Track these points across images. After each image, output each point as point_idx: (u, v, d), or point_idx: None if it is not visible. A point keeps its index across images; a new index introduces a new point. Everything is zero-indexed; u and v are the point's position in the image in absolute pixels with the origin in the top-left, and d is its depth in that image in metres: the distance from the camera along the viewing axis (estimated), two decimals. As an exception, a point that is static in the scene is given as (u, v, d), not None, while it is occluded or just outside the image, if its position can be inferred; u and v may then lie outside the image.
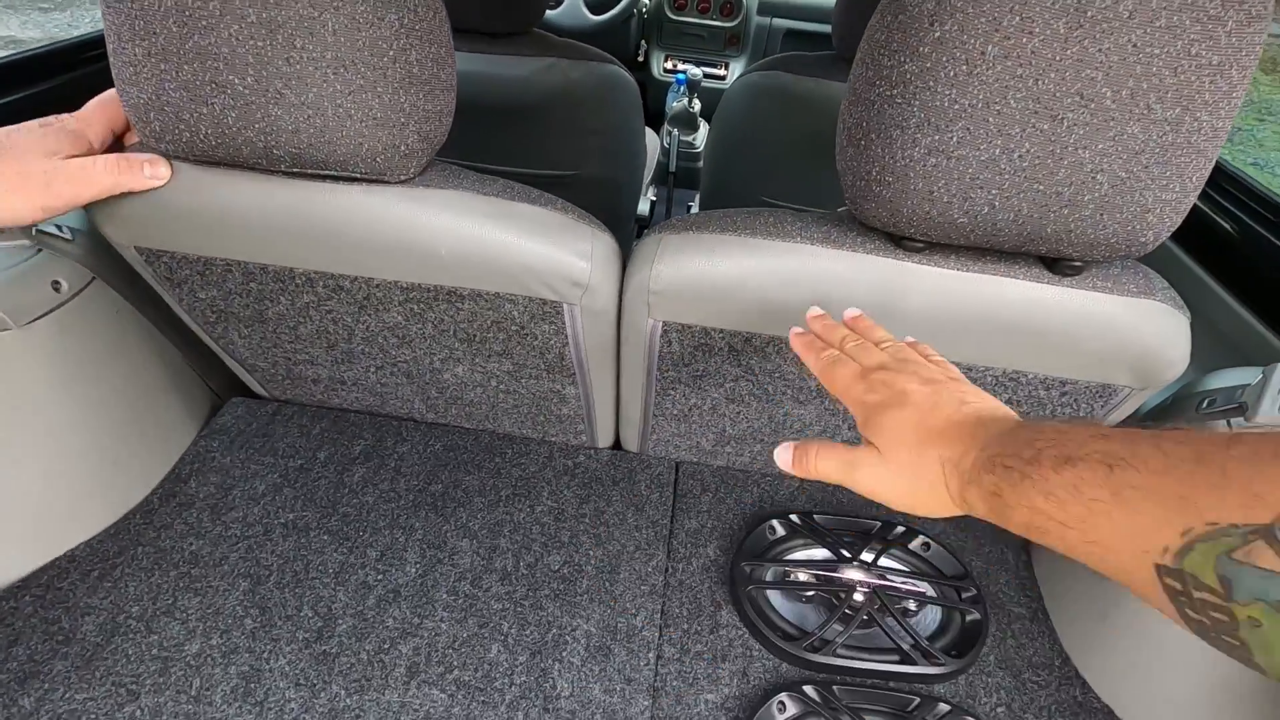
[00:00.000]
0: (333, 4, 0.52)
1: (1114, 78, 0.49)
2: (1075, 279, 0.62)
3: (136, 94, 0.57)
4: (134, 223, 0.69)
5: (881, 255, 0.63)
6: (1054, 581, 0.85)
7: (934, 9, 0.49)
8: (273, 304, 0.77)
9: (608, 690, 0.72)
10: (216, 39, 0.53)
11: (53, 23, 4.89)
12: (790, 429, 0.85)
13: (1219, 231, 0.97)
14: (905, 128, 0.53)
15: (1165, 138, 0.50)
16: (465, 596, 0.79)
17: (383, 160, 0.59)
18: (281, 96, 0.55)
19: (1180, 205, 0.53)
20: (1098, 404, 0.71)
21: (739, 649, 0.77)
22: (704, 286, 0.66)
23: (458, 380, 0.86)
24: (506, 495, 0.90)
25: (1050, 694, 0.76)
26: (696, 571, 0.84)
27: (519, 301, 0.70)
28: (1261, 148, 4.72)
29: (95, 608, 0.74)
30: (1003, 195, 0.54)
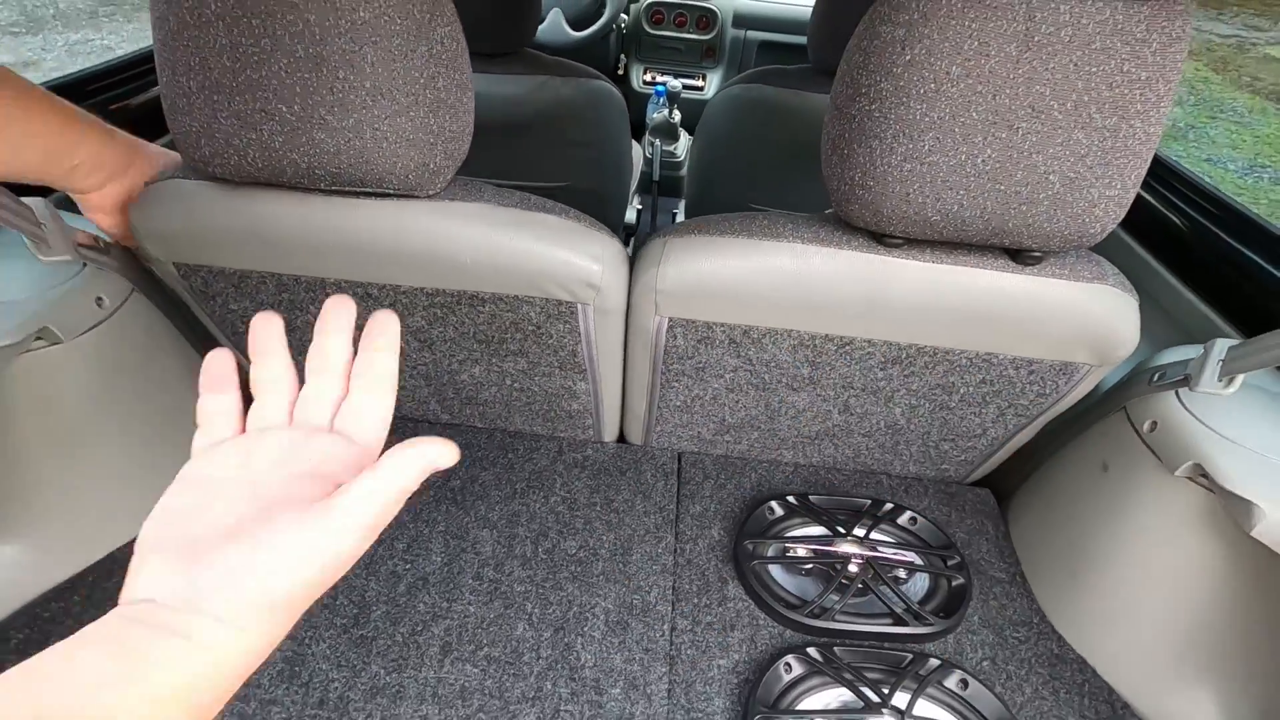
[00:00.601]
0: (372, 39, 0.58)
1: (1060, 92, 0.56)
2: (1036, 268, 0.70)
3: (188, 123, 0.62)
4: (174, 240, 0.74)
5: (865, 252, 0.70)
6: (1030, 547, 0.93)
7: (905, 35, 0.57)
8: (302, 313, 0.82)
9: (628, 660, 0.78)
10: (267, 72, 0.59)
11: (25, 46, 4.86)
12: (785, 415, 0.92)
13: (1168, 224, 1.06)
14: (883, 138, 0.60)
15: (1106, 142, 0.58)
16: (489, 581, 0.84)
17: (414, 177, 0.65)
18: (325, 122, 0.61)
19: (1122, 200, 0.61)
20: (1061, 381, 0.79)
21: (746, 618, 0.83)
22: (707, 284, 0.73)
23: (474, 380, 0.92)
24: (521, 488, 0.96)
25: (1030, 648, 0.83)
26: (703, 551, 0.90)
27: (536, 303, 0.76)
28: (1214, 145, 4.92)
29: None
30: (969, 195, 0.61)
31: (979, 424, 0.89)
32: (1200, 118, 5.34)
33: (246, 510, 0.32)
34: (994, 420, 0.88)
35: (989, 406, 0.85)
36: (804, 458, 1.02)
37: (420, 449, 0.32)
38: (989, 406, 0.85)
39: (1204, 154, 4.77)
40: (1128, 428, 0.80)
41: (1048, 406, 0.84)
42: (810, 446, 0.99)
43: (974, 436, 0.92)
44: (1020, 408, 0.84)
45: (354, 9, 0.57)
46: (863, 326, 0.76)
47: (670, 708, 0.74)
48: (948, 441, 0.93)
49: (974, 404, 0.85)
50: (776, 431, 0.96)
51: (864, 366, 0.81)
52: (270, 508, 0.31)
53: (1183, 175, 1.09)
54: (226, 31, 0.57)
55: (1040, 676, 0.80)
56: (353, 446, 0.36)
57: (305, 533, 0.30)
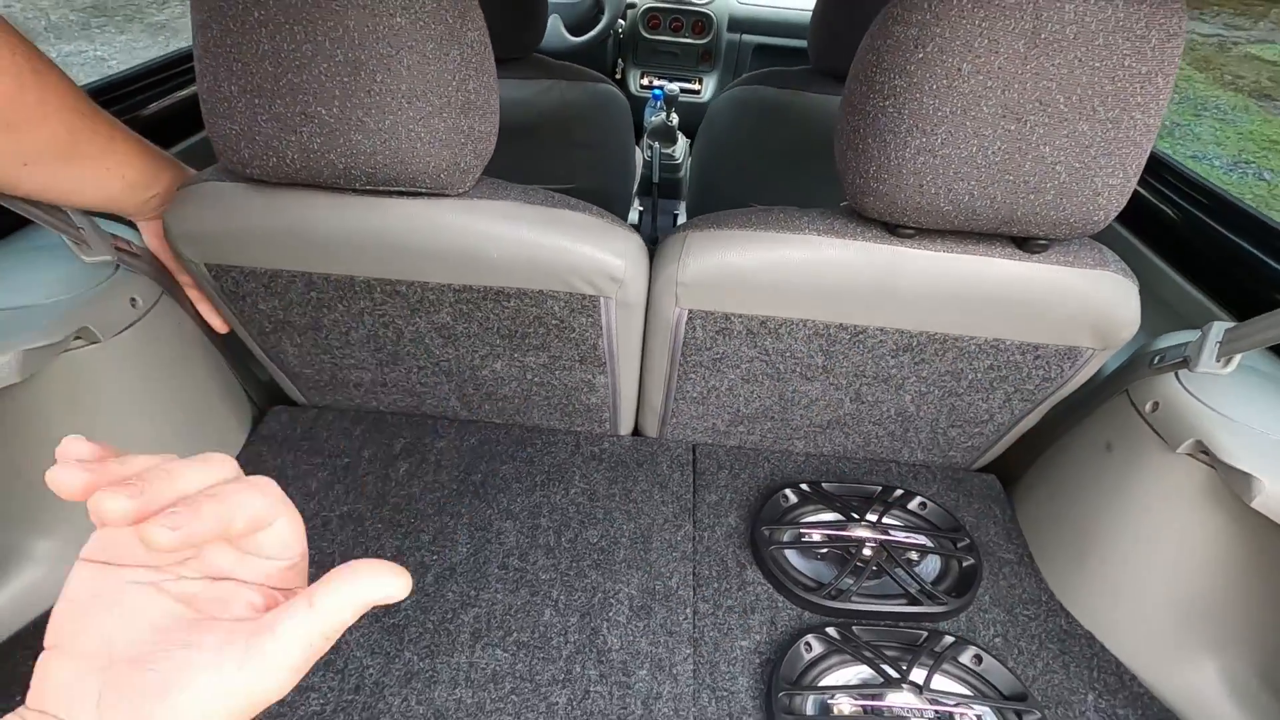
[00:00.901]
0: (408, 44, 0.61)
1: (1065, 86, 0.60)
2: (1042, 256, 0.73)
3: (229, 126, 0.65)
4: (209, 241, 0.76)
5: (879, 242, 0.73)
6: (1037, 529, 0.96)
7: (918, 34, 0.60)
8: (330, 311, 0.84)
9: (653, 643, 0.80)
10: (308, 76, 0.61)
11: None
12: (798, 404, 0.94)
13: (1162, 216, 1.09)
14: (897, 132, 0.63)
15: (1109, 133, 0.61)
16: (515, 570, 0.87)
17: (445, 176, 0.68)
18: (363, 124, 0.63)
19: (1124, 188, 0.65)
20: (1066, 365, 0.82)
21: (765, 601, 0.86)
22: (727, 276, 0.76)
23: (495, 376, 0.94)
24: (541, 481, 0.98)
25: (1039, 624, 0.86)
26: (721, 538, 0.93)
27: (560, 297, 0.79)
28: (1199, 141, 5.01)
29: None
30: (980, 185, 0.64)
31: (986, 410, 0.92)
32: (1185, 115, 5.43)
33: (160, 630, 0.28)
34: (1000, 405, 0.91)
35: (996, 392, 0.88)
36: (815, 447, 1.05)
37: (363, 582, 0.28)
38: (996, 392, 0.88)
39: (1189, 151, 4.85)
40: (1130, 409, 0.83)
41: (1052, 391, 0.87)
42: (822, 436, 1.02)
43: (981, 422, 0.95)
44: (1026, 392, 0.87)
45: (391, 14, 0.60)
46: (875, 315, 0.79)
47: (696, 687, 0.76)
48: (955, 428, 0.96)
49: (982, 390, 0.88)
50: (789, 421, 0.99)
51: (876, 355, 0.84)
52: (185, 630, 0.28)
53: (1175, 169, 1.13)
54: (269, 37, 0.60)
55: (1050, 651, 0.83)
56: (271, 563, 0.32)
57: (225, 673, 0.27)
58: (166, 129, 1.11)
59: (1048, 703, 0.78)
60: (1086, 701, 0.78)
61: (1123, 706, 0.78)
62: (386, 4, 0.60)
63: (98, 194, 0.70)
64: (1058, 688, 0.79)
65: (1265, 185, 4.43)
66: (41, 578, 0.78)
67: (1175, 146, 4.94)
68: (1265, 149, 4.91)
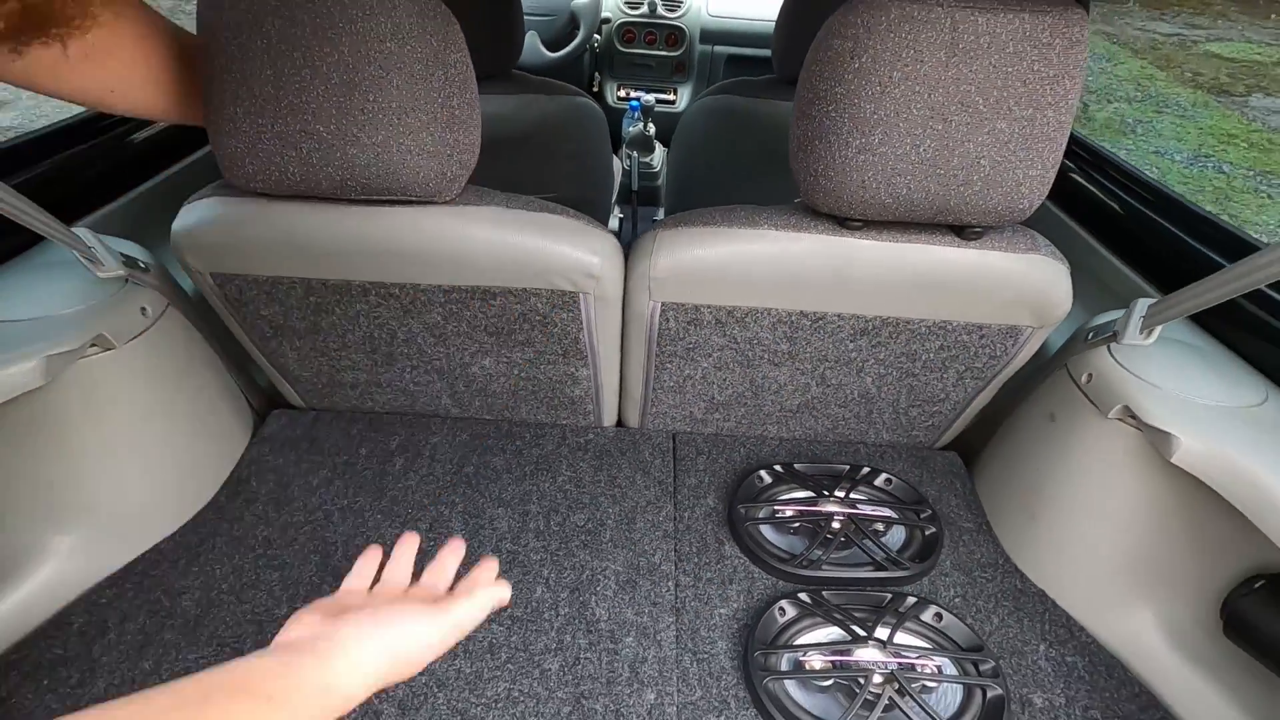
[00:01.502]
0: (397, 65, 0.68)
1: (983, 89, 0.67)
2: (979, 242, 0.81)
3: (233, 144, 0.71)
4: (213, 252, 0.82)
5: (830, 234, 0.81)
6: (993, 497, 1.03)
7: (853, 47, 0.67)
8: (327, 315, 0.90)
9: (638, 612, 0.86)
10: (307, 97, 0.67)
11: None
12: (768, 390, 1.01)
13: (1098, 203, 1.18)
14: (839, 134, 0.71)
15: (1025, 130, 0.69)
16: (508, 552, 0.93)
17: (434, 185, 0.75)
18: (358, 139, 0.69)
19: (1044, 179, 0.72)
20: (1009, 343, 0.90)
21: (742, 573, 0.92)
22: (695, 270, 0.83)
23: (484, 372, 1.01)
24: (530, 471, 1.05)
25: (996, 585, 0.93)
26: (700, 517, 0.99)
27: (543, 294, 0.85)
28: (1161, 137, 5.17)
29: (189, 587, 0.86)
30: (915, 179, 0.72)
31: (941, 388, 0.99)
32: (1148, 112, 5.60)
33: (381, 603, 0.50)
34: (954, 384, 0.98)
35: (949, 371, 0.95)
36: (787, 431, 1.11)
37: (497, 590, 0.56)
38: (949, 371, 0.95)
39: (1152, 147, 5.00)
40: (1069, 381, 0.90)
41: (1000, 368, 0.95)
42: (793, 420, 1.09)
43: (938, 400, 1.02)
44: (976, 370, 0.95)
45: (382, 40, 0.66)
46: (832, 302, 0.86)
47: (679, 651, 0.83)
48: (915, 407, 1.04)
49: (935, 369, 0.95)
50: (761, 407, 1.06)
51: (836, 339, 0.91)
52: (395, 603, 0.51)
53: (1110, 160, 1.22)
54: (271, 64, 0.66)
55: (1006, 608, 0.90)
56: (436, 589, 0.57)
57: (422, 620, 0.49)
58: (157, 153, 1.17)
59: (1002, 653, 0.84)
60: (1039, 651, 0.85)
61: (1071, 655, 0.85)
62: (377, 31, 0.67)
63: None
64: (1012, 640, 0.86)
65: (1224, 178, 4.59)
66: (62, 571, 0.83)
67: (1139, 143, 5.09)
68: (1223, 143, 5.07)
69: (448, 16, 0.70)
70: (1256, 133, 5.25)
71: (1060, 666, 0.84)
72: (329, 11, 0.66)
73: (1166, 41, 7.28)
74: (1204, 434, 0.74)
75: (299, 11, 0.65)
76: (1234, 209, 4.24)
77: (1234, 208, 4.25)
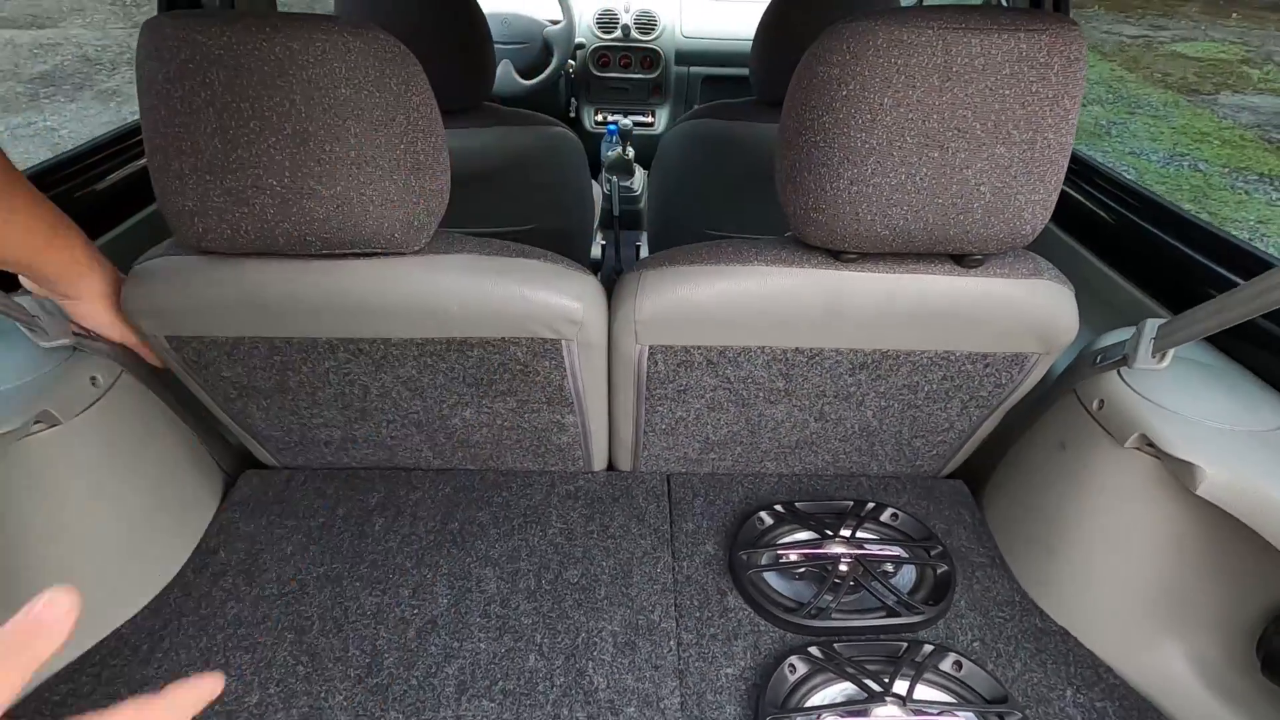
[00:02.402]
0: (354, 113, 0.63)
1: (980, 114, 0.63)
2: (979, 270, 0.77)
3: (181, 202, 0.66)
4: (167, 315, 0.77)
5: (824, 268, 0.76)
6: (1005, 530, 0.98)
7: (839, 74, 0.63)
8: (294, 373, 0.85)
9: (639, 678, 0.80)
10: (257, 150, 0.63)
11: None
12: (765, 427, 0.97)
13: (1098, 220, 1.15)
14: (829, 165, 0.66)
15: (1025, 154, 0.65)
16: (497, 617, 0.87)
17: (400, 235, 0.70)
18: (314, 192, 0.65)
19: (1046, 203, 0.68)
20: (1015, 370, 0.86)
21: (747, 626, 0.87)
22: (683, 311, 0.78)
23: (465, 423, 0.95)
24: (518, 524, 0.99)
25: (1015, 625, 0.88)
26: (700, 566, 0.94)
27: (522, 343, 0.80)
28: (1135, 138, 5.22)
29: (151, 677, 0.79)
30: (912, 209, 0.68)
31: (945, 418, 0.95)
32: (1120, 114, 5.66)
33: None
34: (959, 413, 0.94)
35: (953, 401, 0.91)
36: (786, 467, 1.07)
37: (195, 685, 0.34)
38: (953, 401, 0.91)
39: (1127, 148, 5.05)
40: (1079, 408, 0.86)
41: (1005, 396, 0.90)
42: (791, 456, 1.04)
43: (943, 431, 0.97)
44: (981, 399, 0.90)
45: (335, 87, 0.62)
46: (828, 337, 0.81)
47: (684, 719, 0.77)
48: (919, 438, 0.99)
49: (939, 400, 0.91)
50: (758, 444, 1.01)
51: (834, 375, 0.87)
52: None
53: (1107, 174, 1.19)
54: (216, 116, 0.61)
55: (1028, 650, 0.85)
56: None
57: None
58: (120, 202, 1.12)
59: (1028, 702, 0.79)
60: (1065, 698, 0.80)
61: (1100, 699, 0.80)
62: (331, 77, 0.62)
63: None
64: (1037, 686, 0.81)
65: (1200, 176, 4.63)
66: None
67: (1114, 145, 5.14)
68: (1197, 141, 5.13)
69: (407, 57, 0.66)
70: (1228, 129, 5.32)
71: (1090, 714, 0.79)
72: (278, 59, 0.61)
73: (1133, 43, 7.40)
74: (1228, 463, 0.70)
75: (245, 59, 0.61)
76: (1213, 206, 4.27)
77: (1213, 205, 4.28)
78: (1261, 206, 4.26)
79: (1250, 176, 4.61)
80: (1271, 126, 5.35)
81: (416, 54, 0.68)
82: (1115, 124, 5.48)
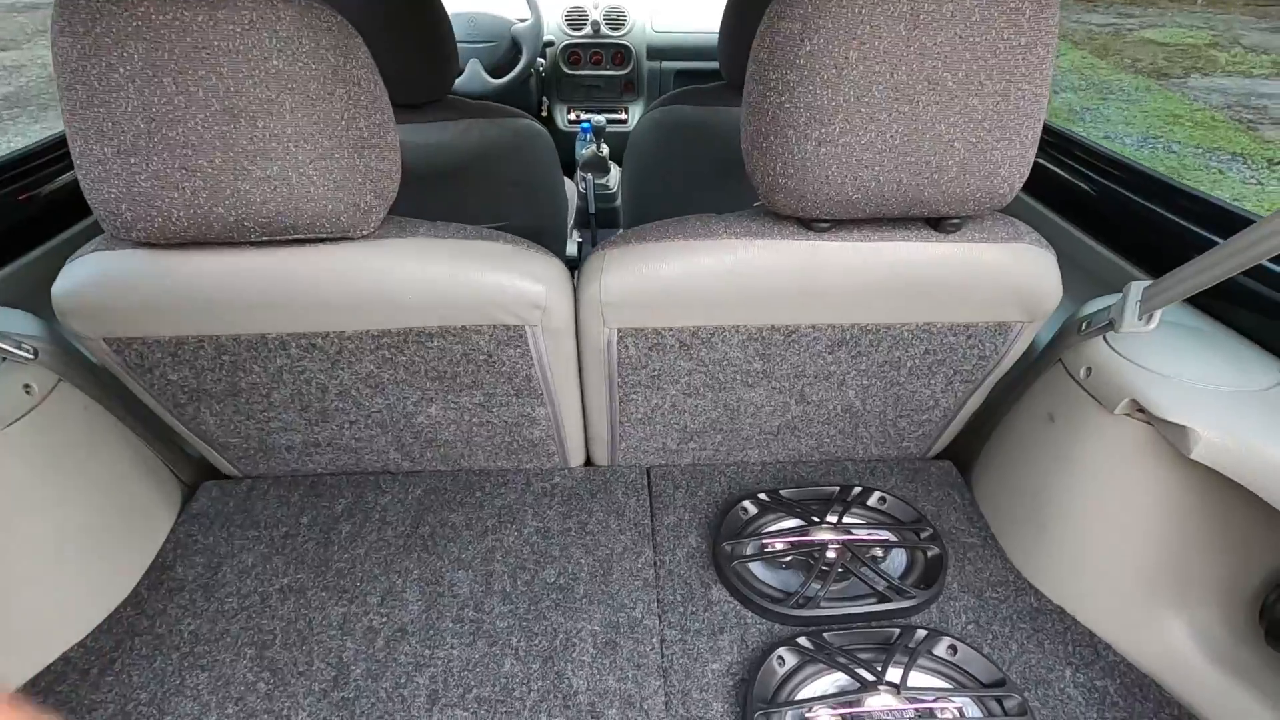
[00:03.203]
0: (288, 86, 0.59)
1: (951, 64, 0.60)
2: (957, 235, 0.73)
3: (106, 190, 0.61)
4: (103, 315, 0.72)
5: (796, 239, 0.73)
6: (996, 509, 0.95)
7: (801, 29, 0.60)
8: (245, 374, 0.80)
9: (621, 679, 0.76)
10: (184, 129, 0.58)
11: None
12: (745, 413, 0.93)
13: (1074, 189, 1.12)
14: (795, 126, 0.63)
15: (999, 106, 0.62)
16: (470, 622, 0.82)
17: (346, 219, 0.66)
18: (249, 172, 0.60)
19: (1024, 159, 0.65)
20: (999, 341, 0.82)
21: (733, 619, 0.83)
22: (650, 291, 0.75)
23: (431, 421, 0.91)
24: (492, 524, 0.95)
25: (1009, 605, 0.85)
26: (682, 560, 0.90)
27: (485, 331, 0.76)
28: (1110, 123, 5.26)
29: (101, 702, 0.74)
30: (884, 170, 0.64)
31: (930, 396, 0.91)
32: (1094, 99, 5.70)
33: None
34: (943, 390, 0.90)
35: (936, 376, 0.88)
36: (769, 455, 1.03)
37: None
38: (936, 376, 0.88)
39: (1101, 132, 5.08)
40: (1065, 377, 0.83)
41: (991, 369, 0.87)
42: (774, 442, 1.00)
43: (927, 409, 0.94)
44: (965, 373, 0.87)
45: (266, 58, 0.58)
46: (804, 313, 0.78)
47: None
48: (904, 418, 0.96)
49: (922, 375, 0.88)
50: (739, 431, 0.97)
51: (813, 353, 0.83)
52: None
53: (1080, 142, 1.17)
54: (138, 93, 0.57)
55: (1024, 631, 0.82)
56: None
57: None
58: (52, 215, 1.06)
59: (1027, 684, 0.76)
60: (1065, 678, 0.77)
61: (1101, 678, 0.77)
62: (261, 48, 0.58)
63: None
64: (1035, 667, 0.78)
65: (1175, 157, 4.66)
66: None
67: (1089, 129, 5.17)
68: (1169, 124, 5.18)
69: (344, 27, 0.62)
70: (1199, 111, 5.37)
71: (1091, 694, 0.75)
72: (201, 28, 0.57)
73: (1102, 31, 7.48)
74: (1222, 424, 0.67)
75: (165, 30, 0.57)
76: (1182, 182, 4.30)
77: (1188, 184, 4.31)
78: (1236, 184, 4.30)
79: (1223, 156, 4.65)
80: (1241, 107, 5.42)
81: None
82: (1089, 109, 5.52)
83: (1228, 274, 0.64)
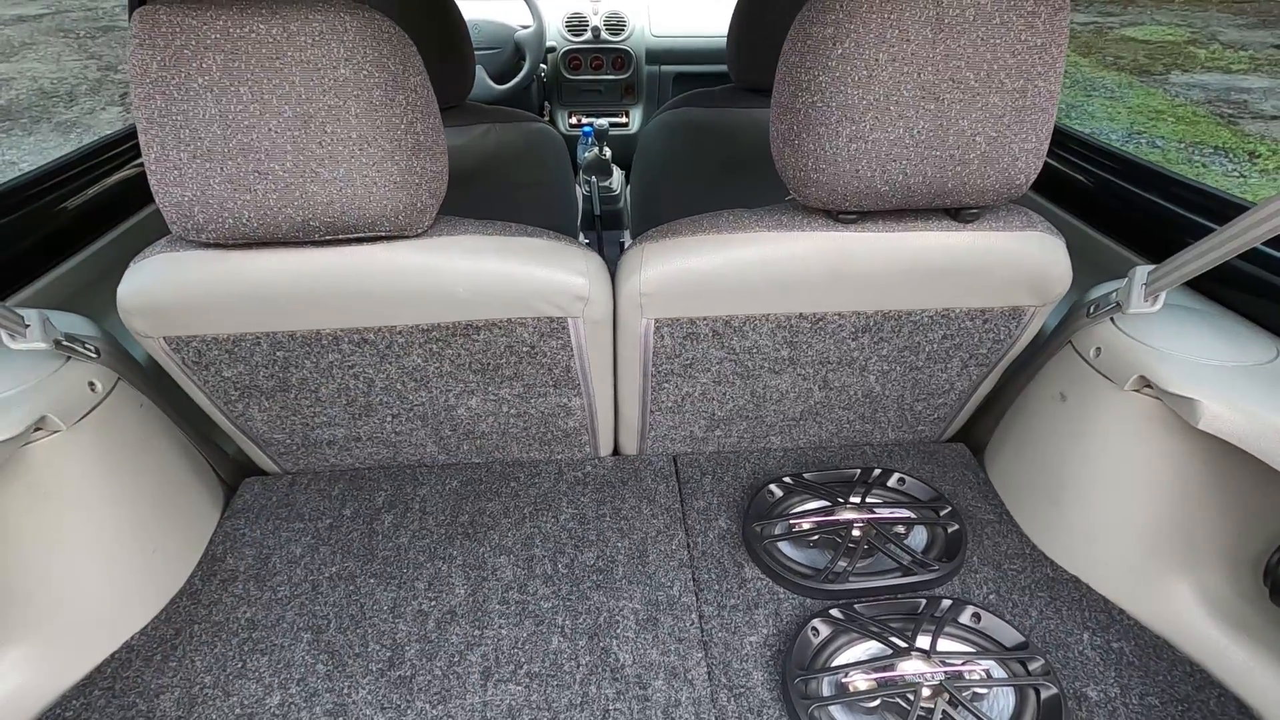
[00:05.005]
0: (354, 93, 0.63)
1: (974, 64, 0.65)
2: (975, 224, 0.78)
3: (180, 194, 0.65)
4: (167, 314, 0.76)
5: (825, 230, 0.77)
6: (1010, 486, 1.00)
7: (833, 33, 0.65)
8: (297, 369, 0.84)
9: (664, 652, 0.80)
10: (258, 135, 0.62)
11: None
12: (770, 400, 0.97)
13: (1075, 183, 1.18)
14: (828, 124, 0.68)
15: (1017, 102, 0.67)
16: (516, 603, 0.86)
17: (403, 217, 0.69)
18: (317, 175, 0.64)
19: (1039, 151, 0.70)
20: (1012, 325, 0.87)
21: (767, 595, 0.87)
22: (687, 282, 0.79)
23: (471, 414, 0.95)
24: (530, 512, 0.98)
25: (1027, 576, 0.89)
26: (714, 541, 0.94)
27: (529, 323, 0.80)
28: (1094, 119, 5.37)
29: (167, 686, 0.77)
30: (910, 164, 0.69)
31: (946, 379, 0.96)
32: (1079, 96, 5.80)
33: None
34: (959, 373, 0.95)
35: (953, 360, 0.92)
36: (791, 441, 1.07)
37: None
38: (953, 360, 0.92)
39: (1087, 128, 5.17)
40: (1076, 358, 0.88)
41: (1004, 352, 0.92)
42: (796, 429, 1.05)
43: (943, 392, 0.99)
44: (980, 356, 0.92)
45: (335, 67, 0.61)
46: (831, 301, 0.82)
47: (713, 689, 0.77)
48: (920, 401, 1.00)
49: (939, 360, 0.92)
50: (763, 418, 1.02)
51: (837, 339, 0.88)
52: None
53: (1080, 139, 1.22)
54: (215, 101, 0.61)
55: (1042, 599, 0.86)
56: None
57: None
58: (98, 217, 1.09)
59: (1048, 647, 0.81)
60: (1083, 641, 0.81)
61: (1116, 640, 0.81)
62: (330, 57, 0.62)
63: None
64: (1054, 632, 0.82)
65: (1159, 153, 4.76)
66: (18, 687, 0.74)
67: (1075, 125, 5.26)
68: (1153, 120, 5.28)
69: (403, 38, 0.66)
70: (1181, 107, 5.48)
71: (1108, 655, 0.80)
72: (275, 40, 0.61)
73: (1085, 29, 7.60)
74: (1226, 395, 0.72)
75: (242, 43, 0.60)
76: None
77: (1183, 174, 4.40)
78: (1219, 178, 4.39)
79: (1206, 150, 4.75)
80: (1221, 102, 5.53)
81: None
82: (1074, 106, 5.62)
83: (1226, 256, 0.68)
